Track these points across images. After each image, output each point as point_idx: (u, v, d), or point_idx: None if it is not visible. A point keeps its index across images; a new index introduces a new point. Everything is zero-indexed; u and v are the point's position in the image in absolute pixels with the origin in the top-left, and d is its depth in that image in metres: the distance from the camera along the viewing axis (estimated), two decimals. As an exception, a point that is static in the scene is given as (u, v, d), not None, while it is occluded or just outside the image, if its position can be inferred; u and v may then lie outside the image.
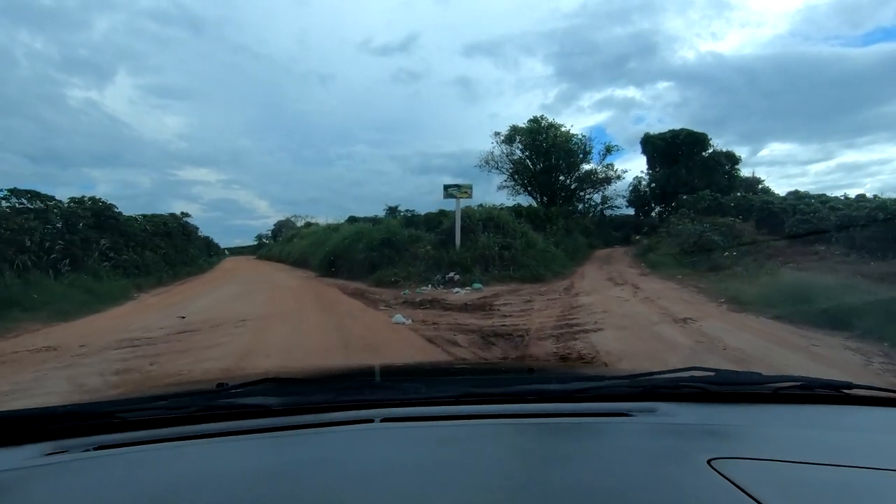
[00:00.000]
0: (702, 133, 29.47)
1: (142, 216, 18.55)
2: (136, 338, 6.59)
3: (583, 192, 29.28)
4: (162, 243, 17.93)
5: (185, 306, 10.25)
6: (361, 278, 14.95)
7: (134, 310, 9.76)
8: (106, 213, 13.70)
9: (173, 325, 7.59)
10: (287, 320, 7.81)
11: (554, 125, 27.13)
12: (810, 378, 1.10)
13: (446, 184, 15.53)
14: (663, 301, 8.93)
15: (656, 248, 19.28)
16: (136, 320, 8.32)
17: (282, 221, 50.58)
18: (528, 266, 13.94)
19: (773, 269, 12.20)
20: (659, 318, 7.18)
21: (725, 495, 0.64)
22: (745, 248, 15.35)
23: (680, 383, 1.07)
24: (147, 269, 15.45)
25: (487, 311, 8.32)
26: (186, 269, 19.71)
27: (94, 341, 6.42)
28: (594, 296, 10.10)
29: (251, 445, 0.87)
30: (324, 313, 8.42)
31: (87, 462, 0.80)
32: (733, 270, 12.98)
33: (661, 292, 10.39)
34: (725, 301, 8.69)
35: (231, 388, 1.07)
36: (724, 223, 18.59)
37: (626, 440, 0.88)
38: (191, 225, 26.06)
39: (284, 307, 9.45)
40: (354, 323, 7.48)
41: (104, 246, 12.73)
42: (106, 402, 1.09)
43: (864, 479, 0.72)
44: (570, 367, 3.55)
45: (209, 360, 5.18)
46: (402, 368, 2.14)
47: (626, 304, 8.73)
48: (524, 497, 0.67)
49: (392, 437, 0.90)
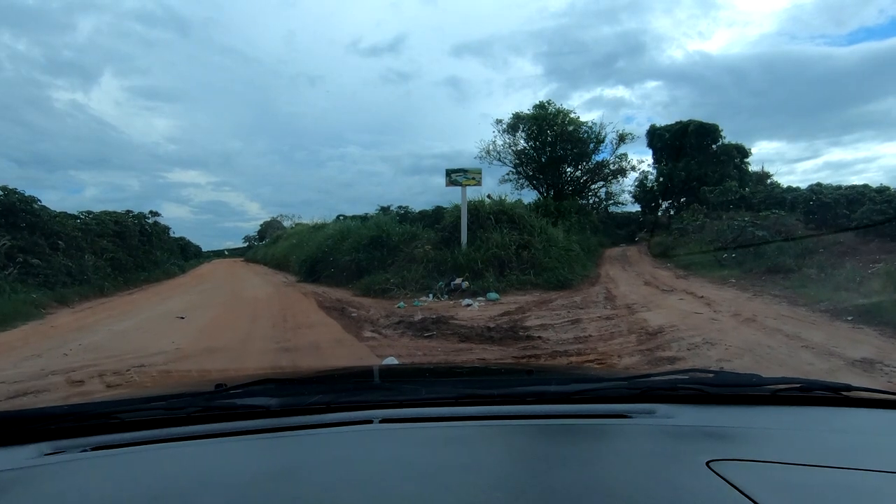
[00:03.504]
0: (712, 124, 26.94)
1: (86, 213, 15.61)
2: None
3: (593, 184, 26.62)
4: (109, 245, 15.00)
5: (100, 329, 7.47)
6: (347, 284, 12.47)
7: (13, 339, 6.91)
8: (16, 207, 10.71)
9: (34, 371, 4.82)
10: (216, 360, 5.06)
11: (562, 111, 24.44)
12: (809, 380, 1.09)
13: (449, 168, 12.75)
14: (766, 320, 6.30)
15: (676, 245, 17.40)
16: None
17: (268, 222, 48.69)
18: (550, 269, 11.26)
19: (859, 270, 9.78)
20: (809, 356, 4.53)
21: (724, 497, 0.63)
22: (804, 246, 12.97)
23: (678, 385, 1.08)
24: (84, 278, 12.60)
25: (524, 341, 5.59)
26: (143, 276, 16.82)
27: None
28: (656, 311, 7.45)
29: (250, 446, 0.86)
30: (278, 347, 5.63)
31: (85, 462, 0.80)
32: (804, 272, 10.59)
33: (737, 304, 7.83)
34: (855, 319, 6.11)
35: (229, 389, 1.06)
36: (766, 217, 16.16)
37: (625, 442, 0.88)
38: (160, 224, 23.22)
39: (228, 335, 6.66)
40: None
41: (5, 247, 9.79)
42: (104, 403, 1.05)
43: (862, 480, 0.71)
44: (569, 368, 3.34)
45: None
46: (402, 370, 2.33)
47: (718, 326, 6.08)
48: (523, 498, 0.66)
49: (391, 437, 0.89)
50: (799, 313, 6.82)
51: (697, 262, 13.95)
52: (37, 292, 9.96)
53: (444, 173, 12.86)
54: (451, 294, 10.10)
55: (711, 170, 25.29)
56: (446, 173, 12.82)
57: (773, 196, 19.63)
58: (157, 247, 21.14)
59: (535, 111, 24.37)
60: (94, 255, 13.90)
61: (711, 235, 16.18)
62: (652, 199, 29.43)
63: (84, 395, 3.99)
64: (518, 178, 25.75)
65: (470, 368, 2.51)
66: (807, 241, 13.19)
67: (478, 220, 12.38)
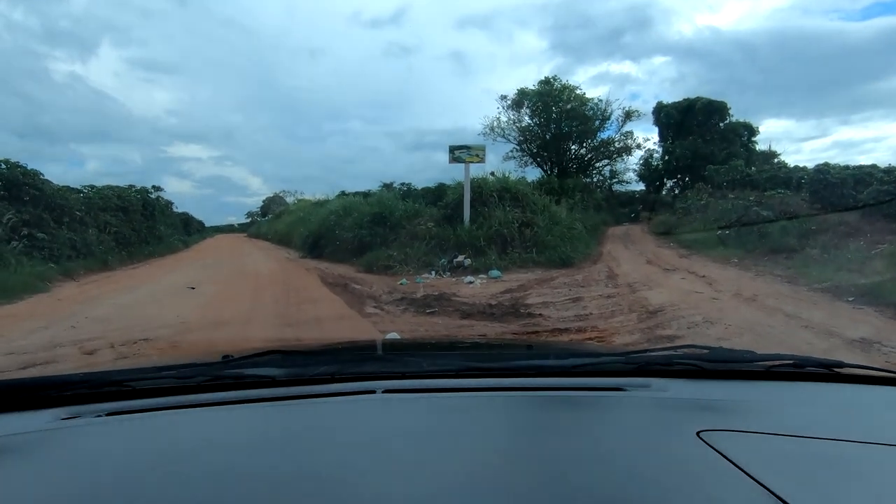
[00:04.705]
0: (720, 102, 26.39)
1: (89, 187, 15.57)
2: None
3: (598, 163, 26.33)
4: (112, 220, 15.01)
5: (105, 302, 7.57)
6: (350, 260, 12.50)
7: (21, 311, 7.01)
8: (20, 181, 10.69)
9: (43, 342, 4.90)
10: (221, 334, 5.13)
11: (568, 87, 23.98)
12: (802, 356, 1.10)
13: (452, 145, 12.61)
14: (767, 299, 6.32)
15: (679, 225, 17.30)
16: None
17: (270, 197, 48.50)
18: (552, 247, 11.24)
19: (862, 251, 9.77)
20: (809, 335, 4.57)
21: (712, 465, 0.65)
22: (808, 226, 12.88)
23: (674, 360, 1.08)
24: (89, 251, 12.66)
25: (525, 318, 5.64)
26: (147, 251, 16.89)
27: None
28: (657, 289, 7.47)
29: (256, 414, 0.88)
30: (281, 322, 5.70)
31: (101, 426, 0.84)
32: (807, 253, 10.56)
33: (738, 283, 7.83)
34: (856, 299, 6.12)
35: (237, 360, 1.08)
36: (771, 197, 15.99)
37: (620, 413, 0.90)
38: (163, 199, 23.16)
39: (232, 309, 6.73)
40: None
41: (11, 221, 9.82)
42: (117, 371, 1.06)
43: (849, 451, 0.72)
44: (568, 344, 3.40)
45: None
46: (404, 344, 2.37)
47: (718, 305, 6.11)
48: (520, 463, 0.69)
49: (394, 407, 0.90)
50: (800, 293, 6.83)
51: (700, 242, 13.88)
52: (42, 266, 10.03)
53: (448, 150, 12.73)
54: (453, 271, 10.14)
55: (718, 148, 24.91)
56: (449, 150, 12.69)
57: (779, 175, 19.39)
58: (161, 221, 21.09)
59: (540, 87, 23.91)
60: (98, 229, 13.91)
61: (715, 215, 16.01)
62: (657, 177, 29.09)
63: (93, 365, 4.07)
64: (522, 156, 25.50)
65: (471, 343, 2.56)
66: (811, 221, 13.07)
67: (481, 197, 12.32)
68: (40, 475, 0.68)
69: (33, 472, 0.69)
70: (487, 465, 0.67)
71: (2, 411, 0.87)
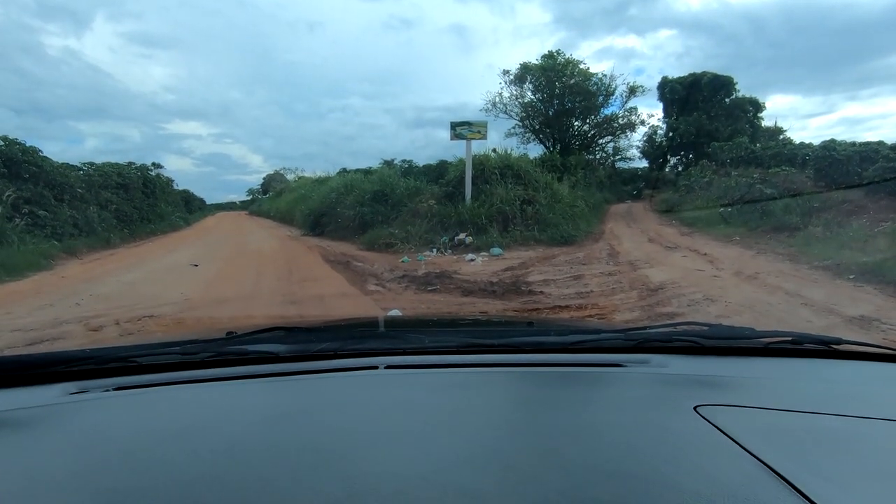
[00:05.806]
0: (727, 76, 25.79)
1: (88, 164, 15.46)
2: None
3: (601, 139, 26.01)
4: (113, 197, 14.97)
5: (109, 280, 7.61)
6: (351, 238, 12.52)
7: (25, 288, 7.05)
8: (19, 158, 10.61)
9: (48, 320, 4.95)
10: (224, 311, 5.17)
11: (571, 61, 23.49)
12: (801, 333, 1.10)
13: (454, 121, 12.45)
14: (768, 277, 6.33)
15: (682, 203, 17.15)
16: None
17: (271, 175, 48.16)
18: (554, 225, 11.22)
19: (865, 229, 9.73)
20: (809, 313, 4.59)
21: (708, 438, 0.66)
22: (811, 204, 12.80)
23: (673, 336, 1.09)
24: (91, 229, 12.67)
25: (526, 296, 5.67)
26: (149, 228, 16.89)
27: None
28: (658, 267, 7.48)
29: (260, 389, 0.90)
30: (284, 299, 5.74)
31: (109, 401, 0.85)
32: (809, 231, 10.53)
33: (740, 261, 7.84)
34: (857, 278, 6.12)
35: (240, 336, 1.09)
36: (775, 174, 15.82)
37: (618, 388, 0.90)
38: (164, 177, 23.01)
39: (235, 287, 6.78)
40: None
41: (11, 198, 9.79)
42: (123, 347, 1.07)
43: (845, 426, 0.73)
44: (568, 321, 3.31)
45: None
46: (406, 320, 2.39)
47: (719, 283, 6.13)
48: (520, 436, 0.70)
49: (396, 382, 0.92)
50: (801, 271, 6.84)
51: (703, 220, 13.87)
52: (45, 243, 10.06)
53: (449, 126, 12.57)
54: (454, 249, 10.15)
55: (723, 124, 24.52)
56: (451, 126, 12.53)
57: (784, 153, 19.13)
58: (161, 199, 20.99)
59: (543, 61, 23.40)
60: (100, 206, 13.88)
61: (719, 192, 15.86)
62: (660, 154, 28.75)
63: (99, 342, 4.12)
64: (524, 132, 25.12)
65: (472, 320, 2.56)
66: (815, 198, 12.96)
67: (482, 174, 12.23)
68: (50, 448, 0.69)
69: (44, 445, 0.70)
70: (488, 440, 0.68)
71: (12, 386, 0.89)
